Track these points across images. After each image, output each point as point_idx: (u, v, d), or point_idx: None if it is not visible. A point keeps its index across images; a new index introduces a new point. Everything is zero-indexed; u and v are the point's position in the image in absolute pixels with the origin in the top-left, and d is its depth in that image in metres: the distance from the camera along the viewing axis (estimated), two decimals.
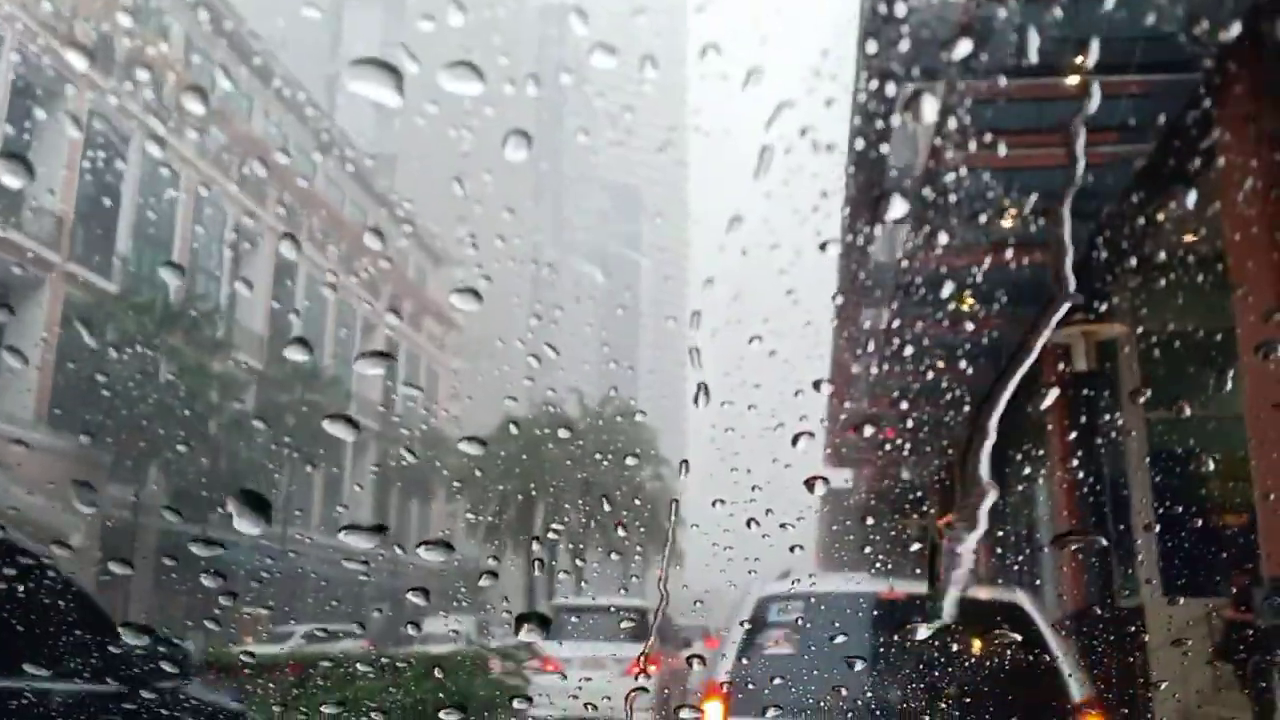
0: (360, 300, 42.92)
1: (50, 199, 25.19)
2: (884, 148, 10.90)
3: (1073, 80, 8.03)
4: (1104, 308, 9.91)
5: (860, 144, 11.03)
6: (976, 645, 4.71)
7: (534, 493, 39.10)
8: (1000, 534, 16.21)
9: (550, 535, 39.83)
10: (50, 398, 25.06)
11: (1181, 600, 9.21)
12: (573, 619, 13.77)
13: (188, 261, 31.50)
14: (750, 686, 4.45)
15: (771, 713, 4.33)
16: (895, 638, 4.57)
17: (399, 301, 47.37)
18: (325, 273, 40.18)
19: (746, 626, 4.60)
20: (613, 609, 14.44)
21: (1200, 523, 9.30)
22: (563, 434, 40.10)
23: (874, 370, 15.64)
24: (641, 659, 9.94)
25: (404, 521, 44.21)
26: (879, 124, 10.49)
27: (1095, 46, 7.65)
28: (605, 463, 40.84)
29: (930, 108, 8.57)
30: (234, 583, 30.36)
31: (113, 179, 27.89)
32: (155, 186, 30.35)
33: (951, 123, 8.62)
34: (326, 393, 33.94)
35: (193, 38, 33.37)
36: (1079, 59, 7.70)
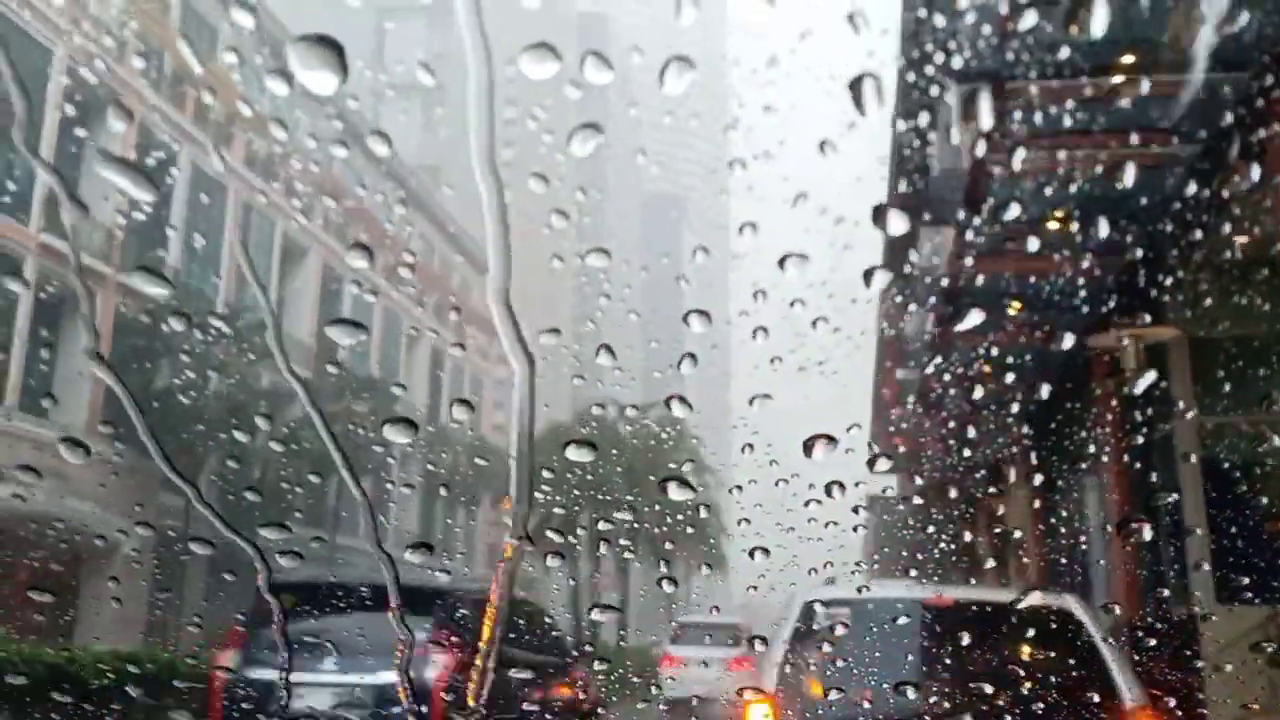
0: (405, 310, 43.30)
1: (101, 211, 25.68)
2: (929, 150, 10.85)
3: (1122, 80, 7.95)
4: (1154, 312, 9.77)
5: (903, 148, 10.99)
6: (1026, 651, 4.66)
7: (579, 502, 39.14)
8: (1050, 540, 16.01)
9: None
10: (102, 408, 25.52)
11: (1237, 606, 9.03)
12: (689, 631, 19.94)
13: (234, 273, 31.95)
14: (796, 692, 4.43)
15: (818, 714, 4.32)
16: (943, 643, 4.52)
17: (444, 311, 47.72)
18: (371, 283, 40.57)
19: (794, 631, 4.58)
20: (715, 624, 20.10)
21: (1256, 528, 9.12)
22: (607, 441, 40.23)
23: (920, 377, 15.52)
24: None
25: (449, 531, 44.49)
26: (922, 126, 10.44)
27: (1146, 46, 7.57)
28: (651, 476, 40.83)
29: (983, 108, 8.52)
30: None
31: (162, 192, 28.38)
32: (203, 198, 30.85)
33: (1000, 125, 8.55)
34: (374, 401, 34.24)
35: (240, 49, 33.90)
36: (1130, 59, 7.63)
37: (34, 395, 24.03)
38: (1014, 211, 9.87)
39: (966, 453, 19.74)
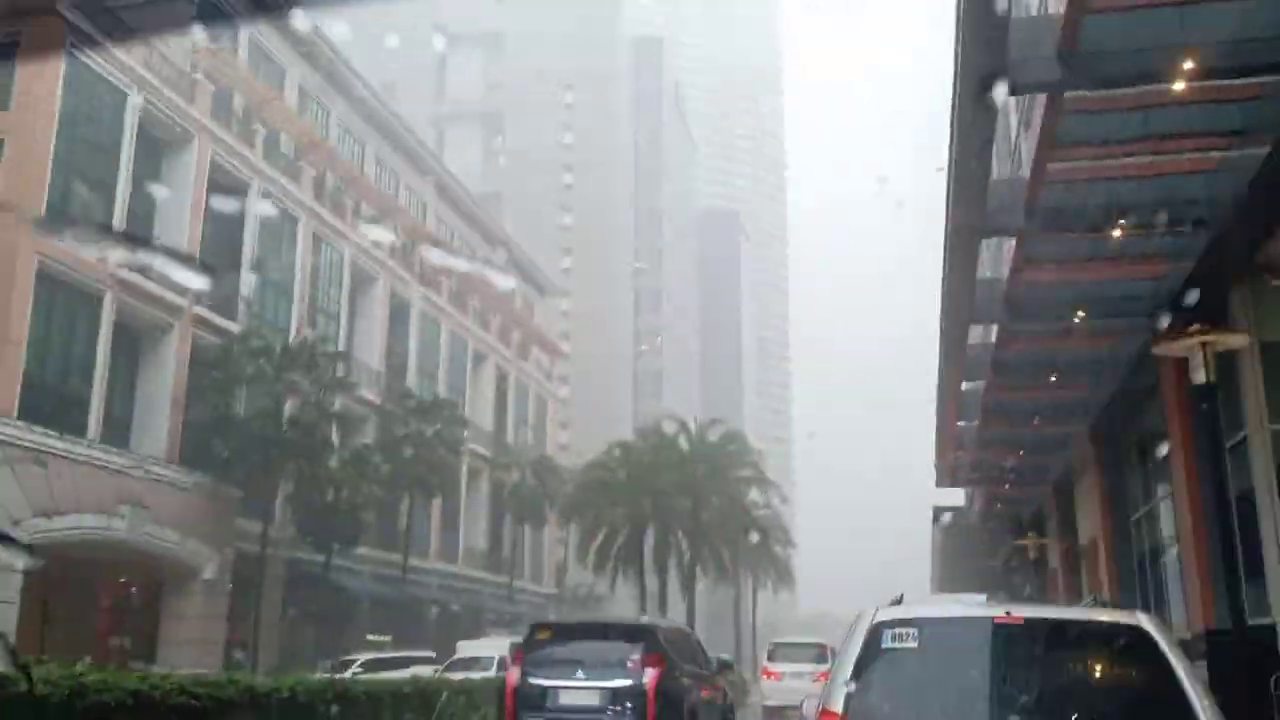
0: (470, 333, 43.81)
1: (178, 242, 26.38)
2: (988, 160, 10.80)
3: (1183, 86, 7.88)
4: (1225, 317, 9.62)
5: (962, 157, 10.94)
6: (1099, 670, 4.62)
7: (644, 517, 39.21)
8: (1124, 553, 15.73)
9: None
10: (181, 437, 26.20)
11: None
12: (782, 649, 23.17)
13: (307, 301, 32.62)
14: (865, 715, 4.43)
15: None
16: (1013, 663, 4.50)
17: (508, 333, 48.22)
18: (439, 309, 41.17)
19: (861, 651, 4.59)
20: (803, 643, 23.69)
21: None
22: (670, 458, 40.26)
23: (986, 387, 15.37)
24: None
25: (517, 547, 44.84)
26: (981, 136, 10.40)
27: (1204, 51, 7.50)
28: (712, 488, 40.78)
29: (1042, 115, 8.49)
30: (360, 609, 31.30)
31: (235, 225, 29.08)
32: (275, 231, 31.57)
33: (1059, 133, 8.51)
34: (443, 423, 34.68)
35: (305, 87, 34.71)
36: (1188, 64, 7.57)
37: (115, 426, 24.71)
38: (1077, 218, 9.80)
39: (1034, 464, 19.49)
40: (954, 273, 11.68)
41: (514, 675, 11.16)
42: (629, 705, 10.45)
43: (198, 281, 25.27)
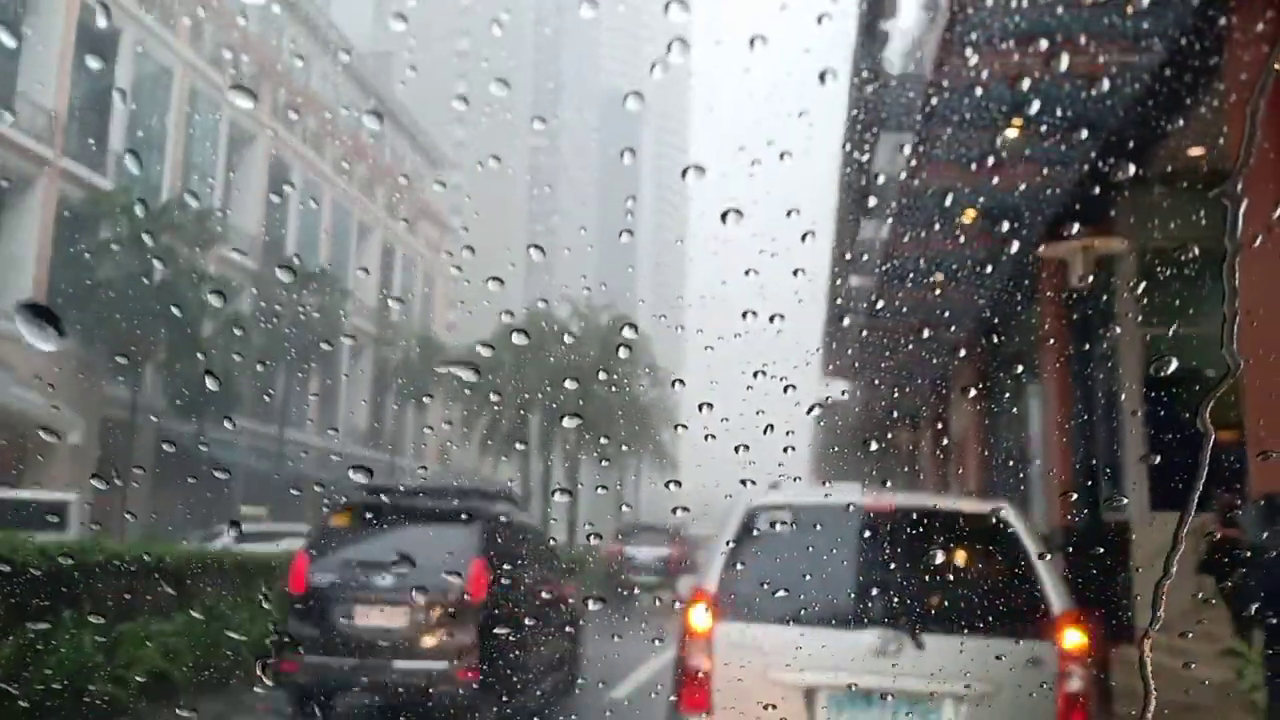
0: (356, 202, 42.56)
1: (39, 92, 24.78)
2: (886, 54, 10.71)
3: None
4: (1105, 223, 9.82)
5: (862, 50, 10.82)
6: (962, 556, 4.75)
7: (529, 402, 39.21)
8: (993, 447, 16.34)
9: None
10: (47, 296, 25.01)
11: (1169, 514, 9.30)
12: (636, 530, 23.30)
13: (182, 160, 31.14)
14: (736, 593, 4.50)
15: (755, 620, 4.40)
16: (881, 548, 4.61)
17: (396, 206, 46.98)
18: (322, 175, 39.78)
19: (736, 535, 4.64)
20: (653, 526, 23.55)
21: (1191, 439, 9.36)
22: (561, 341, 40.09)
23: (873, 284, 15.58)
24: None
25: (400, 428, 44.53)
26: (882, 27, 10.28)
27: None
28: (600, 371, 40.84)
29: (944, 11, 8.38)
30: (233, 481, 30.80)
31: (105, 75, 27.42)
32: (149, 83, 29.87)
33: (957, 30, 8.42)
34: (324, 294, 33.84)
35: None
36: None
37: None
38: (971, 119, 9.80)
39: (915, 359, 19.99)
40: (850, 167, 11.67)
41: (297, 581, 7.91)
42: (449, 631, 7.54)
43: (63, 131, 23.87)
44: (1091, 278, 8.96)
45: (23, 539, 8.14)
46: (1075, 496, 10.08)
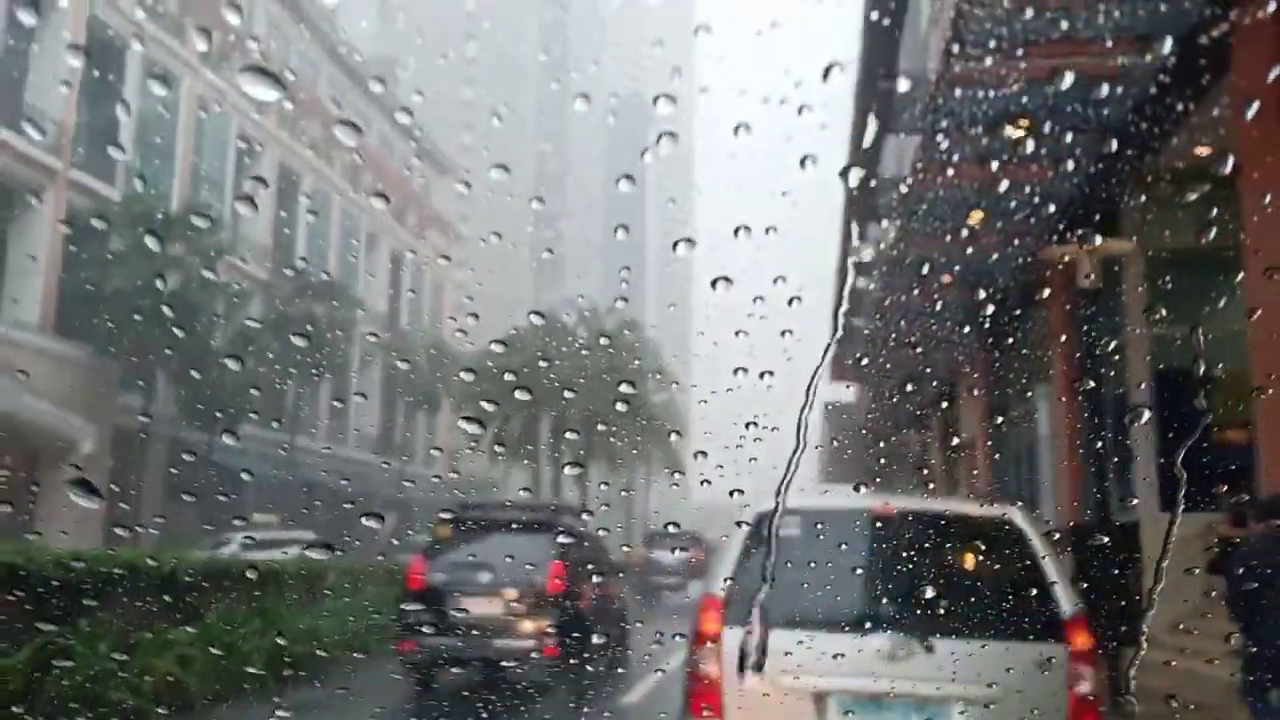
0: (364, 211, 42.63)
1: (48, 103, 24.90)
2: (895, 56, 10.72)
3: None
4: (1111, 224, 9.82)
5: (871, 51, 10.84)
6: (969, 560, 4.77)
7: (539, 406, 39.27)
8: (1001, 449, 16.32)
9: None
10: (58, 306, 25.13)
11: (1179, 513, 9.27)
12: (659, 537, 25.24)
13: (190, 170, 31.25)
14: (744, 599, 4.52)
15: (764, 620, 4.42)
16: (890, 552, 4.62)
17: (404, 213, 47.06)
18: (330, 184, 39.89)
19: (744, 540, 4.66)
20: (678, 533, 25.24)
21: (1201, 439, 9.34)
22: (569, 347, 40.19)
23: (880, 287, 15.57)
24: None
25: (411, 433, 44.57)
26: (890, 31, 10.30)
27: None
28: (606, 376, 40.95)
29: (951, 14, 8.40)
30: (244, 489, 30.88)
31: (114, 84, 27.52)
32: (155, 91, 30.03)
33: (963, 32, 8.43)
34: (334, 303, 33.91)
35: None
36: None
37: None
38: (977, 120, 9.81)
39: (923, 362, 19.96)
40: (858, 167, 11.66)
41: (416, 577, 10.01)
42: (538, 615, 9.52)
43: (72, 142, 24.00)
44: (1099, 278, 8.95)
45: (38, 548, 8.20)
46: (1084, 497, 10.08)
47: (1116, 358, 10.40)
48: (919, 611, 4.38)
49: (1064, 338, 11.54)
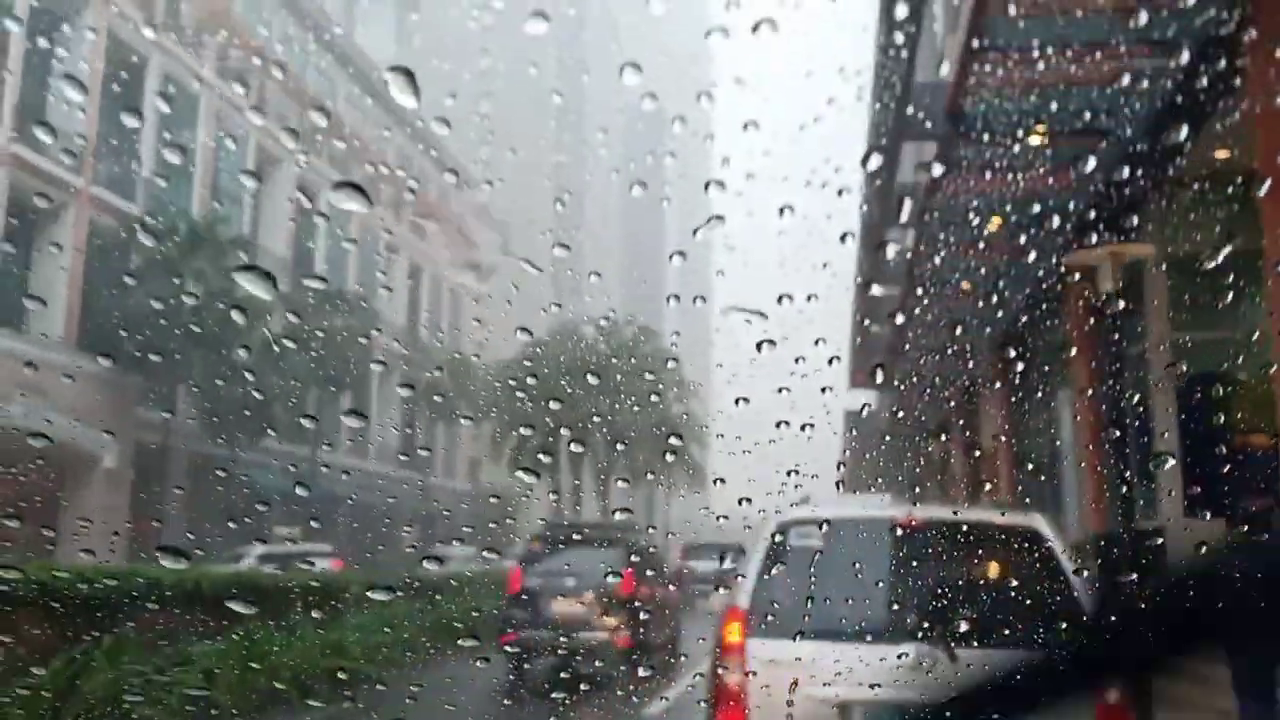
0: (381, 224, 42.80)
1: (70, 121, 25.15)
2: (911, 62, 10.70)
3: None
4: (1132, 229, 9.76)
5: (886, 60, 10.83)
6: (993, 569, 4.75)
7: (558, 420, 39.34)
8: (1024, 457, 16.23)
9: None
10: (80, 323, 25.34)
11: (1203, 519, 9.21)
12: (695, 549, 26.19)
13: (210, 187, 31.49)
14: (768, 610, 4.51)
15: (788, 635, 4.41)
16: (914, 561, 4.61)
17: (422, 226, 47.20)
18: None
19: (767, 550, 4.66)
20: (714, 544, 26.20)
21: (1224, 445, 9.27)
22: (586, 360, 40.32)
23: (900, 292, 15.53)
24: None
25: (431, 446, 44.64)
26: (905, 37, 10.29)
27: None
28: (627, 391, 41.09)
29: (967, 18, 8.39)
30: (269, 502, 30.99)
31: (133, 101, 27.78)
32: (175, 107, 30.28)
33: (981, 39, 8.42)
34: (351, 317, 34.03)
35: None
36: None
37: (7, 310, 23.78)
38: (995, 125, 9.78)
39: (944, 370, 19.89)
40: (875, 176, 11.67)
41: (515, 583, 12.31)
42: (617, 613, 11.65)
43: (93, 159, 24.19)
44: (1120, 284, 8.91)
45: (66, 564, 8.28)
46: (1108, 503, 10.01)
47: (1139, 363, 10.34)
48: (944, 621, 4.36)
49: (1085, 343, 11.47)
